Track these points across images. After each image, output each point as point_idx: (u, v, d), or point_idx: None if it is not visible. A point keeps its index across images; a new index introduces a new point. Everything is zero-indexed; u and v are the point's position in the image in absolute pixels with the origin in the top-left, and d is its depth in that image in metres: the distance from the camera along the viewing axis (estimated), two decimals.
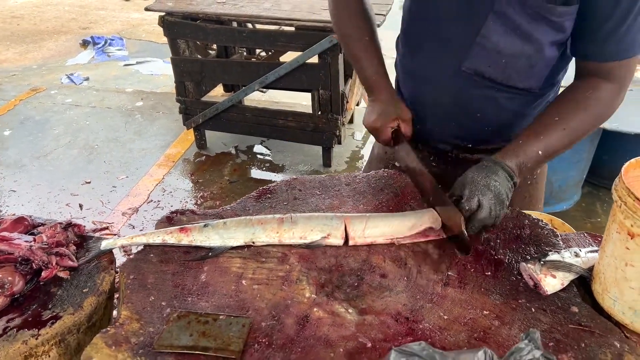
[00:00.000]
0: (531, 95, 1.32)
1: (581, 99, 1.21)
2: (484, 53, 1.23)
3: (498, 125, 1.37)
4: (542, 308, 1.02)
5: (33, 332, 0.97)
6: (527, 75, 1.27)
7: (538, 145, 1.20)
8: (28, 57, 6.32)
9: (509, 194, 1.17)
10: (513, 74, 1.26)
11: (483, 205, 1.12)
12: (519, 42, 1.20)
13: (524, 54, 1.22)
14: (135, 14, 8.03)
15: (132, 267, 1.11)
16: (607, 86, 1.20)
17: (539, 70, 1.27)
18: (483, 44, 1.22)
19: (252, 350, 0.92)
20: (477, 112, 1.35)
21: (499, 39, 1.20)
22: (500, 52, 1.22)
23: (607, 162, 3.27)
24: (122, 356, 0.89)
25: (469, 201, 1.12)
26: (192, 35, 3.53)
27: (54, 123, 4.47)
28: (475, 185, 1.14)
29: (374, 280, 1.09)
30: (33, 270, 1.08)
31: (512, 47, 1.21)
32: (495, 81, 1.28)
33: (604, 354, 0.91)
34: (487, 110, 1.34)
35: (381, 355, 0.90)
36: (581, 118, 1.21)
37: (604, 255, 1.01)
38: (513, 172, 1.17)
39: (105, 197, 3.45)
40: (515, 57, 1.22)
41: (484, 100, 1.32)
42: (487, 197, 1.12)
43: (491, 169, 1.16)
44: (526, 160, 1.19)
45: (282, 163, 3.91)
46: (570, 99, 1.23)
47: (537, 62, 1.24)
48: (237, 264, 1.13)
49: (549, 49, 1.22)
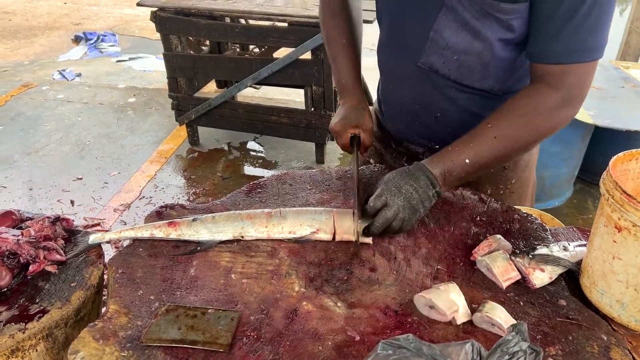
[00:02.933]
0: (493, 98, 1.27)
1: (519, 106, 1.14)
2: (437, 49, 1.22)
3: (460, 127, 1.29)
4: (531, 301, 1.02)
5: (20, 326, 0.96)
6: (482, 75, 1.23)
7: (467, 153, 1.14)
8: (20, 52, 6.26)
9: (426, 202, 1.14)
10: (467, 72, 1.23)
11: (389, 205, 1.11)
12: (469, 39, 1.17)
13: (474, 51, 1.19)
14: (128, 10, 7.98)
15: (121, 261, 1.10)
16: (549, 94, 1.11)
17: (495, 70, 1.22)
18: (436, 39, 1.20)
19: (241, 343, 0.92)
20: (437, 112, 1.33)
21: (450, 35, 1.18)
22: (452, 48, 1.20)
23: (599, 158, 3.28)
24: (109, 350, 0.89)
25: (375, 199, 1.12)
26: (185, 30, 3.51)
27: (45, 119, 4.44)
28: (388, 186, 1.13)
29: (363, 274, 1.09)
30: (20, 264, 1.07)
31: (462, 44, 1.18)
32: (449, 79, 1.25)
33: (590, 346, 0.92)
34: (447, 110, 1.32)
35: (369, 349, 0.90)
36: (515, 127, 1.14)
37: (592, 249, 1.01)
38: (435, 180, 1.14)
39: (97, 193, 3.43)
40: (466, 53, 1.20)
41: (443, 100, 1.30)
42: (395, 199, 1.11)
43: (412, 173, 1.15)
44: (452, 168, 1.15)
45: (275, 159, 3.90)
46: (508, 106, 1.16)
47: (489, 61, 1.20)
48: (227, 258, 1.12)
49: (499, 48, 1.17)
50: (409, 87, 1.33)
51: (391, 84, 1.40)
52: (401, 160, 1.51)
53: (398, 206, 1.12)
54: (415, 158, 1.42)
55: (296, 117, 3.62)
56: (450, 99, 1.29)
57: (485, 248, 1.11)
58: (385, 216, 1.11)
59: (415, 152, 1.48)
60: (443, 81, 1.27)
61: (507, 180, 1.46)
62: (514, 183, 1.46)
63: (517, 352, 0.77)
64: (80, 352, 0.88)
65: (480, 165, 1.16)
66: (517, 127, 1.14)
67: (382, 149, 1.58)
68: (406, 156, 1.51)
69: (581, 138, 3.07)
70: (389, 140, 1.54)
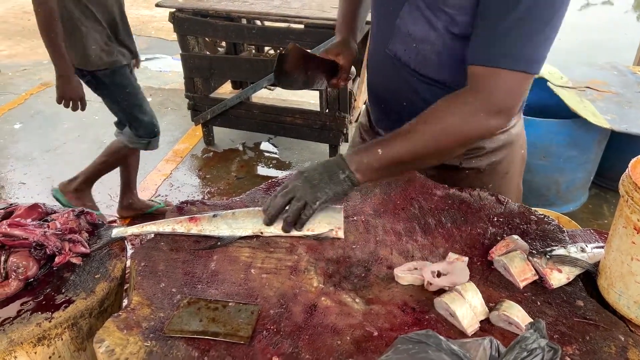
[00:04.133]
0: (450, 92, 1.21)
1: (440, 106, 1.13)
2: (401, 36, 1.27)
3: None
4: (548, 301, 1.03)
5: (47, 315, 0.99)
6: (437, 65, 1.25)
7: (381, 145, 1.15)
8: (39, 52, 6.35)
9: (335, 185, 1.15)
10: (423, 60, 1.26)
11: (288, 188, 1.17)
12: (426, 27, 1.21)
13: (429, 40, 1.22)
14: (145, 11, 8.07)
15: (143, 254, 1.13)
16: (469, 97, 1.09)
17: (448, 61, 1.23)
18: (400, 26, 1.26)
19: (261, 336, 0.93)
20: (404, 101, 1.36)
21: (410, 23, 1.24)
22: (412, 35, 1.25)
23: (615, 163, 3.26)
24: (133, 340, 0.91)
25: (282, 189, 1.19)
26: (202, 31, 3.55)
27: (63, 117, 4.51)
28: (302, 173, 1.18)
29: (380, 271, 1.10)
30: (47, 255, 1.10)
31: (420, 32, 1.22)
32: (410, 67, 1.29)
33: (608, 347, 0.92)
34: (412, 100, 1.34)
35: (387, 344, 0.91)
36: (430, 128, 1.12)
37: (610, 250, 1.02)
38: (344, 164, 1.16)
39: (114, 190, 3.47)
40: (423, 42, 1.23)
41: (407, 88, 1.34)
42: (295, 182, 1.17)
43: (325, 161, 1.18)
44: (365, 157, 1.16)
45: (289, 160, 3.92)
46: (433, 106, 1.15)
47: (441, 51, 1.22)
48: (246, 254, 1.14)
49: (449, 39, 1.18)
50: (381, 75, 1.40)
51: (370, 71, 1.48)
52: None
53: (294, 186, 1.16)
54: None
55: (310, 118, 3.64)
56: (414, 90, 1.33)
57: (503, 248, 1.12)
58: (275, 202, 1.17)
59: None
60: (406, 70, 1.31)
61: (482, 184, 1.43)
62: (490, 188, 1.42)
63: (535, 349, 0.77)
64: (106, 341, 0.90)
65: (391, 159, 1.14)
66: (430, 129, 1.13)
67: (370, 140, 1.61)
68: None
69: (597, 143, 3.05)
70: (377, 131, 1.56)
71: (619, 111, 2.94)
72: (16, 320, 0.98)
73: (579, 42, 6.49)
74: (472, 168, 1.42)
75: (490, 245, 1.17)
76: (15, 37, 6.83)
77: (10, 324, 0.97)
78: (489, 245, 1.17)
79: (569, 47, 6.25)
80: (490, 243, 1.18)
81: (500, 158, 1.43)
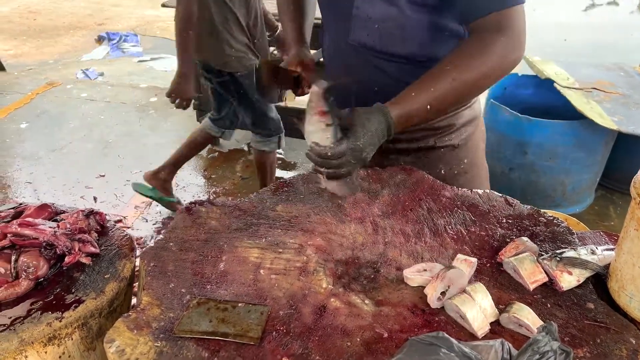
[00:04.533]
0: (419, 66, 1.29)
1: (472, 51, 1.20)
2: (361, 23, 1.31)
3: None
4: (558, 304, 1.02)
5: (57, 315, 1.00)
6: (402, 40, 1.31)
7: (428, 97, 1.17)
8: (44, 51, 6.39)
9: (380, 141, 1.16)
10: (388, 39, 1.31)
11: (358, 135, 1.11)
12: (385, 6, 1.26)
13: (390, 16, 1.27)
14: (150, 11, 8.09)
15: (152, 254, 1.13)
16: (496, 38, 1.17)
17: (412, 33, 1.29)
18: (358, 14, 1.31)
19: (271, 337, 0.93)
20: (374, 86, 1.37)
21: (368, 7, 1.28)
22: (372, 18, 1.29)
23: (622, 165, 3.25)
24: (143, 340, 0.91)
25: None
26: None
27: (69, 117, 4.53)
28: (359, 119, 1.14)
29: (390, 273, 1.10)
30: (57, 255, 1.10)
31: (379, 12, 1.28)
32: (375, 49, 1.33)
33: (619, 349, 0.92)
34: (382, 84, 1.37)
35: (398, 346, 0.91)
36: (471, 69, 1.18)
37: (621, 253, 1.01)
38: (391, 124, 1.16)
39: (119, 190, 3.49)
40: (384, 20, 1.29)
41: (375, 72, 1.37)
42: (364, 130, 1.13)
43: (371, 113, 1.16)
44: (413, 114, 1.18)
45: (294, 161, 3.92)
46: (462, 51, 1.21)
47: (404, 24, 1.28)
48: (255, 254, 1.14)
49: (410, 10, 1.25)
50: (345, 66, 1.42)
51: (331, 65, 1.49)
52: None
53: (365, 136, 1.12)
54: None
55: None
56: (383, 72, 1.37)
57: (512, 250, 1.12)
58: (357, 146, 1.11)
59: None
60: (371, 54, 1.35)
61: (459, 160, 1.52)
62: (466, 163, 1.52)
63: (547, 352, 0.77)
64: (116, 341, 0.90)
65: (439, 109, 1.22)
66: (472, 70, 1.18)
67: None
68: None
69: (604, 144, 3.04)
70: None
71: (626, 112, 2.93)
72: (27, 320, 0.98)
73: (584, 43, 6.47)
74: (446, 146, 1.49)
75: (499, 246, 1.17)
76: (20, 37, 6.86)
77: (21, 323, 0.98)
78: (498, 247, 1.17)
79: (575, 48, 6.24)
80: (499, 245, 1.18)
81: (470, 132, 1.51)
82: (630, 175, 0.98)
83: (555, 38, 6.38)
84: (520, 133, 2.99)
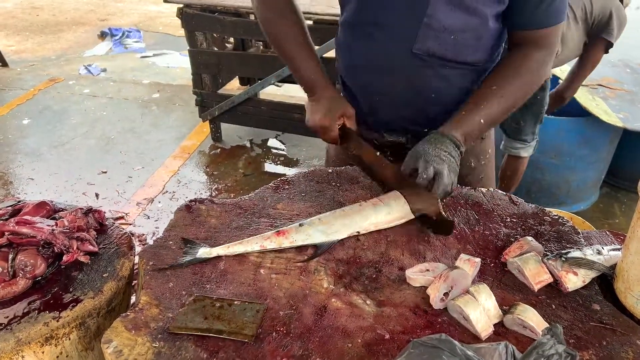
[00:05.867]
0: (479, 71, 1.36)
1: (515, 67, 1.28)
2: (433, 33, 1.26)
3: (451, 103, 1.37)
4: (563, 305, 1.00)
5: (54, 315, 0.98)
6: (475, 49, 1.31)
7: (480, 114, 1.25)
8: (47, 47, 6.38)
9: (458, 162, 1.22)
10: (463, 49, 1.29)
11: (441, 172, 1.15)
12: (464, 17, 1.24)
13: (470, 27, 1.26)
14: (152, 7, 8.07)
15: (152, 253, 1.12)
16: (537, 53, 1.27)
17: (486, 42, 1.31)
18: (430, 24, 1.24)
19: (270, 338, 0.92)
20: (432, 93, 1.36)
21: (445, 17, 1.23)
22: (448, 29, 1.25)
23: (627, 162, 3.21)
24: (141, 340, 0.90)
25: (425, 171, 1.15)
26: (210, 27, 3.53)
27: (71, 113, 4.52)
28: (428, 156, 1.17)
29: (392, 272, 1.08)
30: (55, 253, 1.09)
31: (458, 23, 1.24)
32: (446, 58, 1.30)
33: (625, 352, 0.90)
34: (440, 89, 1.36)
35: (399, 347, 0.90)
36: (516, 85, 1.27)
37: (628, 253, 0.99)
38: (459, 142, 1.22)
39: (121, 187, 3.48)
40: (463, 31, 1.26)
41: (437, 80, 1.34)
42: (442, 166, 1.16)
43: (439, 140, 1.21)
44: (470, 130, 1.24)
45: (297, 157, 3.90)
46: (505, 68, 1.29)
47: (483, 34, 1.28)
48: (255, 254, 1.13)
49: (492, 21, 1.26)
50: (402, 76, 1.35)
51: (378, 76, 1.38)
52: (385, 155, 1.49)
53: (447, 172, 1.16)
54: (400, 149, 1.43)
55: None
56: (444, 78, 1.34)
57: (517, 250, 1.10)
58: (444, 182, 1.15)
59: (399, 143, 1.48)
60: (438, 62, 1.31)
61: (485, 151, 1.56)
62: (490, 153, 1.57)
63: (552, 355, 0.76)
64: (114, 342, 0.89)
65: (491, 122, 1.29)
66: (517, 85, 1.28)
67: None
68: (390, 149, 1.50)
69: (609, 141, 3.01)
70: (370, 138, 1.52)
71: (631, 109, 2.90)
72: (24, 320, 0.97)
73: None
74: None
75: (503, 246, 1.15)
76: (23, 33, 6.86)
77: (18, 323, 0.96)
78: (502, 246, 1.15)
79: None
80: (503, 244, 1.16)
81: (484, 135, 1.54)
82: (636, 173, 0.97)
83: None
84: None
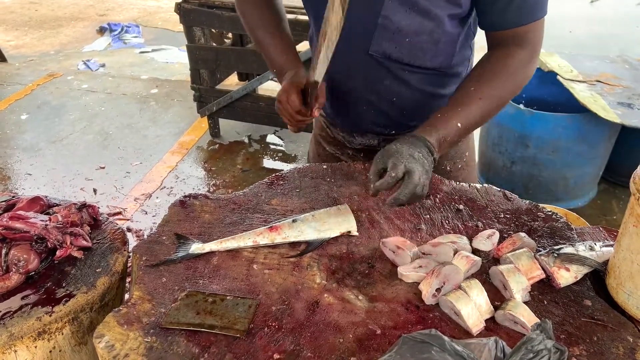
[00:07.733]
0: (443, 75, 1.32)
1: (495, 68, 1.22)
2: (388, 34, 1.23)
3: (415, 108, 1.35)
4: (555, 301, 1.01)
5: (47, 309, 0.99)
6: (434, 53, 1.27)
7: (457, 118, 1.18)
8: (45, 42, 6.37)
9: (431, 168, 1.14)
10: (419, 52, 1.25)
11: (412, 171, 1.08)
12: (419, 19, 1.19)
13: (425, 30, 1.21)
14: (151, 2, 8.04)
15: (145, 248, 1.12)
16: (519, 52, 1.20)
17: (445, 47, 1.27)
18: (385, 25, 1.21)
19: (262, 333, 0.92)
20: (393, 97, 1.34)
21: (399, 18, 1.20)
22: (402, 30, 1.21)
23: (624, 159, 3.21)
24: (133, 335, 0.90)
25: (394, 169, 1.07)
26: (208, 22, 3.53)
27: (70, 108, 4.52)
28: (400, 154, 1.10)
29: (384, 268, 1.08)
30: (48, 249, 1.09)
31: (413, 25, 1.20)
32: (402, 62, 1.27)
33: (616, 347, 0.90)
34: (401, 93, 1.33)
35: (390, 343, 0.90)
36: (497, 86, 1.21)
37: (620, 249, 0.99)
38: (433, 147, 1.14)
39: (119, 182, 3.48)
40: (417, 34, 1.22)
41: (396, 84, 1.32)
42: (414, 165, 1.09)
43: (413, 142, 1.13)
44: (446, 134, 1.17)
45: (295, 153, 3.90)
46: (484, 69, 1.23)
47: (440, 38, 1.24)
48: (248, 249, 1.13)
49: (449, 24, 1.22)
50: (362, 77, 1.33)
51: (340, 76, 1.36)
52: (359, 157, 1.51)
53: (419, 171, 1.09)
54: (374, 151, 1.38)
55: None
56: (404, 82, 1.32)
57: (509, 246, 1.10)
58: (413, 182, 1.07)
59: (372, 145, 1.48)
60: (395, 65, 1.29)
61: (462, 153, 1.50)
62: (467, 155, 1.51)
63: (541, 351, 0.76)
64: (106, 337, 0.90)
65: (470, 127, 1.22)
66: (497, 87, 1.21)
67: (337, 151, 1.58)
68: (363, 152, 1.50)
69: (607, 138, 3.00)
70: (342, 141, 1.53)
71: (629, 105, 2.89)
72: (17, 314, 0.97)
73: (589, 35, 6.40)
74: None
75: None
76: (22, 28, 6.84)
77: (11, 317, 0.97)
78: None
79: (580, 40, 6.17)
80: None
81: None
82: (633, 169, 0.96)
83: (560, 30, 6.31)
84: (522, 126, 2.96)
